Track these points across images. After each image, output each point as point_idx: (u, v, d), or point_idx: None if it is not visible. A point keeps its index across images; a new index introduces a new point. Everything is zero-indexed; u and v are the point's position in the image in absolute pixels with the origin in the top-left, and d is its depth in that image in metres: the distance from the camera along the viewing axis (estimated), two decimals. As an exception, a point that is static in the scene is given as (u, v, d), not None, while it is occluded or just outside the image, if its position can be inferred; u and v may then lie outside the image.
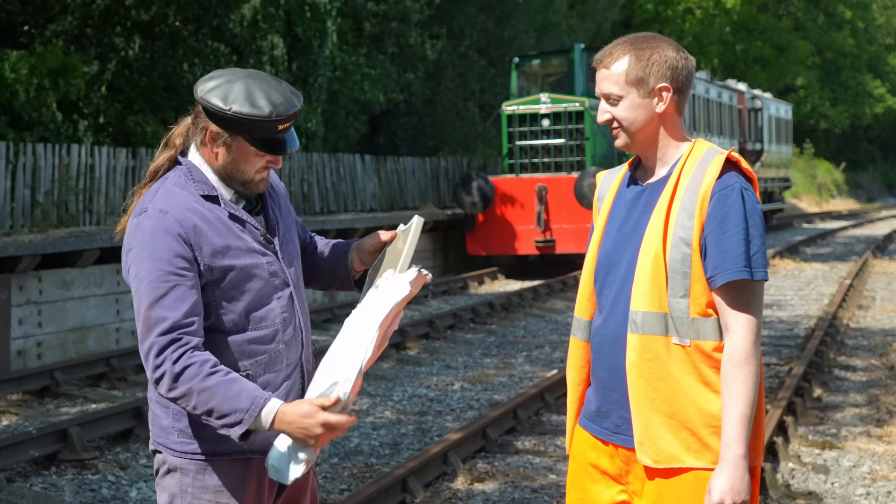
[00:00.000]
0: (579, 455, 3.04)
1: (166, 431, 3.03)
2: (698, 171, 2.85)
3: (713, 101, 27.49)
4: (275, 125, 2.94)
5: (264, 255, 3.04)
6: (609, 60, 2.91)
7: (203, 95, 2.96)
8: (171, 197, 2.99)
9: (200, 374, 2.85)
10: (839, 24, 57.51)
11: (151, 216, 2.95)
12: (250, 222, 3.06)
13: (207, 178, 3.04)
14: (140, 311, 2.91)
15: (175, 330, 2.87)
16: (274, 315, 3.03)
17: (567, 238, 19.38)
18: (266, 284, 3.03)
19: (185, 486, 3.01)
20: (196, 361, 2.86)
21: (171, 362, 2.85)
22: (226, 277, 2.97)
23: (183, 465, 3.01)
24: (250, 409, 2.84)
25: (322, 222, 16.83)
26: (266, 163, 3.02)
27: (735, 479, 2.75)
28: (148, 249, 2.92)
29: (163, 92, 18.21)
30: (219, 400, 2.84)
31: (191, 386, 2.84)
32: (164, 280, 2.89)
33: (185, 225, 2.93)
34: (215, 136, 3.00)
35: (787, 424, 7.97)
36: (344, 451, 7.74)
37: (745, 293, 2.79)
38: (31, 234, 12.62)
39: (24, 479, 7.05)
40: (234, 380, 2.87)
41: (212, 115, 2.97)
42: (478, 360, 11.48)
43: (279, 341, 3.04)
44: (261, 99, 2.93)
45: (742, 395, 2.76)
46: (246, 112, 2.91)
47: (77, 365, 10.18)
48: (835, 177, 57.53)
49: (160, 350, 2.86)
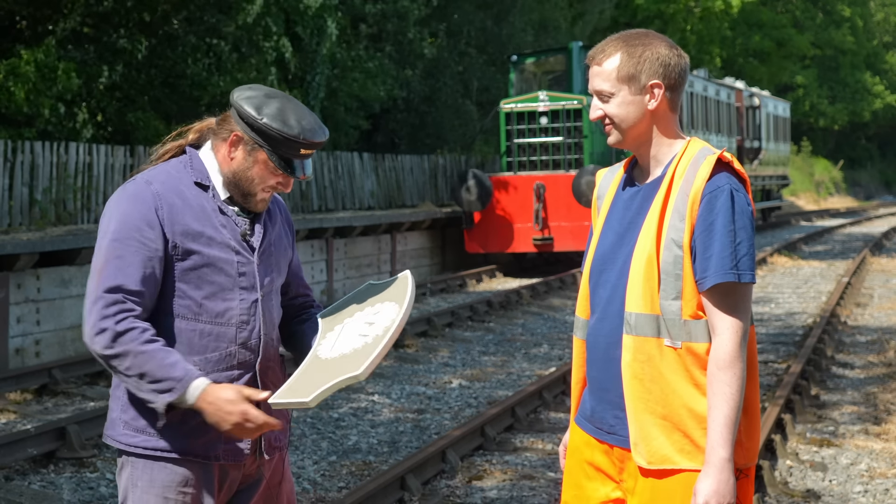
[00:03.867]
0: (575, 452, 3.04)
1: (113, 423, 3.06)
2: (690, 171, 2.85)
3: (711, 99, 27.51)
4: (299, 147, 3.00)
5: (237, 254, 3.06)
6: (601, 57, 2.91)
7: (238, 101, 3.03)
8: (162, 175, 3.05)
9: (140, 339, 2.90)
10: (838, 22, 57.50)
11: (136, 183, 3.04)
12: (233, 218, 3.08)
13: (206, 169, 3.08)
14: (96, 267, 2.96)
15: (124, 292, 2.92)
16: (232, 314, 3.04)
17: (565, 236, 19.39)
18: (230, 282, 3.04)
19: (135, 480, 3.03)
20: (138, 327, 2.92)
21: (115, 322, 2.90)
22: (189, 261, 2.99)
23: (133, 459, 3.04)
24: (183, 379, 2.89)
25: (320, 220, 16.82)
26: (276, 183, 3.06)
27: (720, 483, 2.75)
28: (120, 212, 2.99)
29: (163, 88, 18.20)
30: (154, 365, 2.89)
31: (129, 347, 2.90)
32: (126, 244, 2.95)
33: (163, 199, 2.99)
34: (238, 140, 3.04)
35: (785, 422, 7.98)
36: (342, 449, 7.75)
37: (732, 296, 2.79)
38: (29, 232, 12.62)
39: (22, 477, 7.05)
40: (170, 351, 2.93)
41: (242, 121, 3.02)
42: (476, 358, 11.49)
43: (232, 341, 3.04)
44: (292, 119, 3.00)
45: (727, 397, 2.76)
46: (276, 127, 2.98)
47: (75, 363, 10.18)
48: (833, 174, 57.54)
49: (106, 305, 2.91)
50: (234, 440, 3.03)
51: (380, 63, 23.15)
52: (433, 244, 20.88)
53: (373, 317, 3.11)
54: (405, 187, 23.12)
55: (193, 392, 2.91)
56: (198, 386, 2.91)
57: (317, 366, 3.02)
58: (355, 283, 17.82)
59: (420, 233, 20.28)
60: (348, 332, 3.09)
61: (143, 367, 2.89)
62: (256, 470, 3.14)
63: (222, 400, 2.91)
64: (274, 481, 3.20)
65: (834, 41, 56.73)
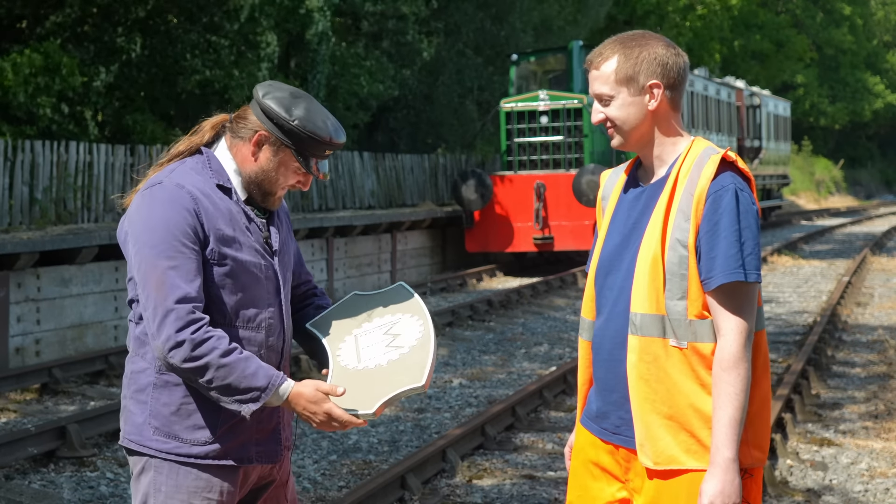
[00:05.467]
0: (580, 452, 3.04)
1: (140, 428, 3.00)
2: (695, 171, 2.84)
3: (711, 99, 27.51)
4: (325, 148, 3.01)
5: (263, 258, 3.05)
6: (599, 61, 2.90)
7: (267, 100, 3.00)
8: (188, 176, 2.99)
9: (220, 349, 2.86)
10: (838, 21, 57.49)
11: (167, 188, 2.95)
12: (256, 222, 3.07)
13: (226, 171, 3.05)
14: (150, 278, 2.87)
15: (191, 301, 2.87)
16: (262, 318, 3.04)
17: (565, 235, 19.38)
18: (261, 286, 3.03)
19: (159, 485, 2.99)
20: (214, 335, 2.87)
21: (192, 332, 2.84)
22: (226, 267, 2.96)
23: (157, 463, 2.99)
24: (267, 388, 2.89)
25: (321, 219, 16.81)
26: (297, 181, 3.06)
27: (725, 483, 2.75)
28: (161, 217, 2.90)
29: (161, 87, 18.19)
30: (237, 376, 2.87)
31: (210, 359, 2.85)
32: (179, 250, 2.88)
33: (200, 203, 2.94)
34: (264, 139, 3.02)
35: (786, 421, 7.98)
36: (342, 449, 7.75)
37: (737, 296, 2.78)
38: (29, 232, 12.62)
39: (22, 476, 7.05)
40: (250, 358, 2.90)
41: (270, 120, 2.99)
42: (476, 358, 11.49)
43: (262, 345, 3.04)
44: (320, 121, 3.00)
45: (731, 398, 2.76)
46: (309, 128, 2.97)
47: (75, 362, 10.18)
48: (833, 174, 57.53)
49: (179, 317, 2.84)
50: (267, 442, 3.06)
51: (378, 61, 23.14)
52: (433, 243, 20.88)
53: (392, 328, 3.11)
54: (405, 186, 23.12)
55: (280, 397, 2.92)
56: (283, 392, 2.92)
57: (355, 376, 3.02)
58: (355, 282, 17.82)
59: (420, 232, 20.28)
60: (369, 343, 3.08)
61: (226, 379, 2.86)
62: (271, 471, 3.15)
63: (306, 401, 2.93)
64: (282, 480, 3.21)
65: (834, 40, 56.72)
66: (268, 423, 3.06)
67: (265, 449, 3.06)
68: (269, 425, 3.06)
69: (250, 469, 3.07)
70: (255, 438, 3.03)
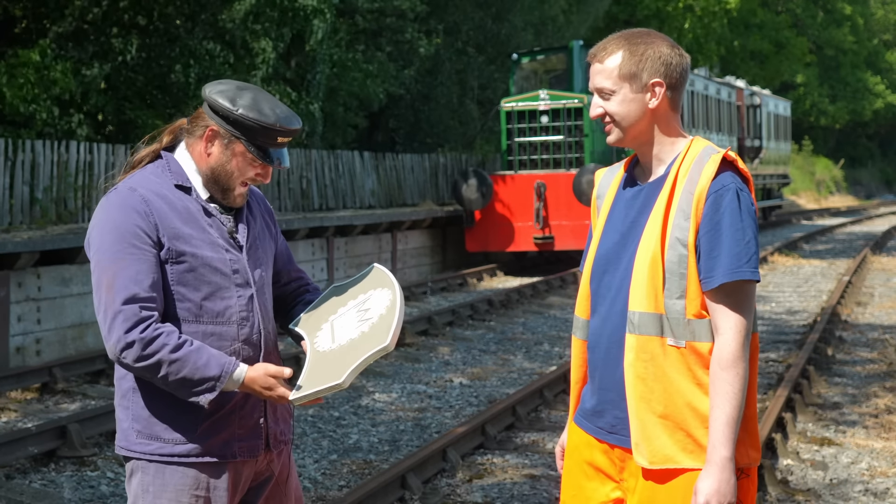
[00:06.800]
0: (574, 452, 3.04)
1: (126, 433, 3.06)
2: (695, 170, 2.84)
3: (712, 98, 27.50)
4: (275, 135, 3.01)
5: (227, 252, 3.07)
6: (603, 55, 2.91)
7: (211, 94, 3.03)
8: (143, 180, 3.05)
9: (170, 344, 2.91)
10: (838, 21, 57.48)
11: (120, 192, 3.03)
12: (218, 217, 3.09)
13: (185, 171, 3.09)
14: (102, 281, 2.94)
15: (140, 301, 2.91)
16: (231, 312, 3.06)
17: (566, 235, 19.39)
18: (226, 280, 3.06)
19: (146, 486, 3.04)
20: (163, 331, 2.92)
21: (140, 331, 2.89)
22: (185, 264, 3.00)
23: (143, 465, 3.04)
24: (221, 377, 2.94)
25: (321, 219, 16.81)
26: (255, 174, 3.07)
27: (721, 482, 2.75)
28: (113, 222, 2.98)
29: (157, 90, 18.20)
30: (190, 369, 2.91)
31: (161, 356, 2.90)
32: (129, 252, 2.94)
33: (152, 204, 2.99)
34: (214, 134, 3.05)
35: (786, 421, 7.98)
36: (343, 448, 7.75)
37: (736, 295, 2.79)
38: (29, 231, 12.62)
39: (23, 475, 7.05)
40: (201, 349, 2.94)
41: (217, 114, 3.02)
42: (477, 357, 11.49)
43: (235, 339, 3.06)
44: (267, 108, 3.01)
45: (729, 397, 2.76)
46: (252, 116, 2.99)
47: (76, 362, 10.18)
48: (833, 173, 57.53)
49: (127, 318, 2.90)
50: (248, 437, 3.08)
51: (378, 63, 23.14)
52: (434, 243, 20.88)
53: (364, 304, 3.13)
54: (406, 186, 23.12)
55: (236, 383, 2.97)
56: (238, 377, 2.97)
57: (329, 355, 3.05)
58: (356, 281, 17.79)
59: (421, 231, 20.28)
60: (343, 324, 3.11)
61: (180, 372, 2.91)
62: (267, 466, 3.18)
63: (259, 386, 2.99)
64: (282, 477, 3.23)
65: (834, 40, 56.71)
66: (249, 419, 3.09)
67: (247, 444, 3.09)
68: (250, 421, 3.10)
69: (240, 465, 3.09)
70: (237, 434, 3.06)
